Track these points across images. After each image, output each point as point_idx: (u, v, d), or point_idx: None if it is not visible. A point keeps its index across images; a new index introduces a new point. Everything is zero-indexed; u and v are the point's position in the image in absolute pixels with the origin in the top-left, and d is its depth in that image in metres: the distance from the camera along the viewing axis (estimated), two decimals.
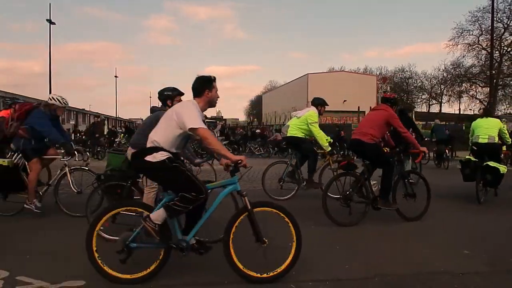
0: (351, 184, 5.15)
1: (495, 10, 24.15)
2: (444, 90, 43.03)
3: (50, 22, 27.18)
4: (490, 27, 23.68)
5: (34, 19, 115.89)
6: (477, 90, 36.93)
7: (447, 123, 33.56)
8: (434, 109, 46.75)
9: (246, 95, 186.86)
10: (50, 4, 31.81)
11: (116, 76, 55.47)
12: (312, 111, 6.60)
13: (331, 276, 3.28)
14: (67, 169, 5.38)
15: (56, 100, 5.37)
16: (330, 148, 6.60)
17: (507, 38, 31.81)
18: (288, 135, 6.66)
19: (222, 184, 3.30)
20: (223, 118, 59.10)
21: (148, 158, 3.10)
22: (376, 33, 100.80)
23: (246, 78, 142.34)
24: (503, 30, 31.23)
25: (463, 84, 37.65)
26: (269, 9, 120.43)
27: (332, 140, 7.06)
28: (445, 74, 40.27)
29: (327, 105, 6.92)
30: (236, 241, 3.13)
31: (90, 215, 4.26)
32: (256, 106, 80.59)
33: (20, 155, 5.35)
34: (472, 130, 6.91)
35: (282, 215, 3.20)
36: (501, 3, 29.65)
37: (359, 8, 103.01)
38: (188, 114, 3.07)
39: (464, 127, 26.55)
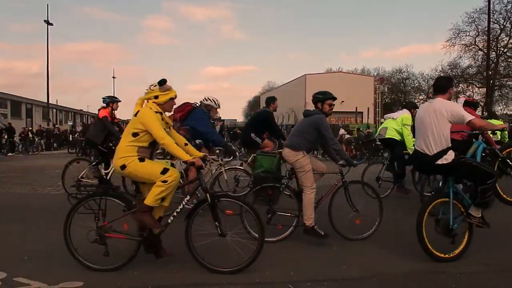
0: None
1: (491, 11, 24.28)
2: None
3: (48, 23, 27.17)
4: (486, 28, 23.80)
5: (33, 19, 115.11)
6: (474, 91, 36.98)
7: None
8: None
9: (244, 96, 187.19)
10: (47, 5, 31.54)
11: (114, 77, 55.48)
12: (407, 114, 6.83)
13: (329, 276, 3.29)
14: (223, 168, 5.51)
15: (212, 101, 5.46)
16: None
17: (503, 39, 31.92)
18: (387, 136, 6.79)
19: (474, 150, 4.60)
20: (221, 118, 59.03)
21: (440, 162, 3.59)
22: (373, 34, 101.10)
23: (244, 78, 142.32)
24: (499, 31, 31.33)
25: (460, 85, 37.65)
26: (267, 10, 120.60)
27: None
28: (442, 75, 40.35)
29: (418, 107, 7.21)
30: None
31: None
32: (254, 106, 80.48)
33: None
34: None
35: None
36: (497, 4, 29.71)
37: (356, 9, 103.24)
38: (461, 109, 3.62)
39: None
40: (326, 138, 4.29)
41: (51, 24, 27.59)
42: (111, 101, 6.58)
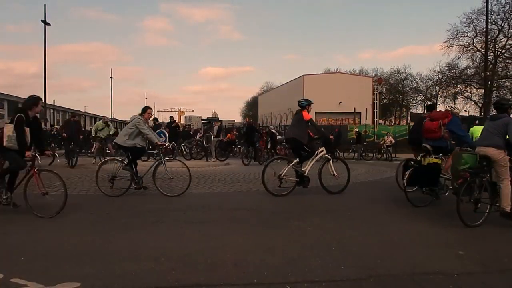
0: None
1: (489, 12, 24.35)
2: (439, 92, 43.16)
3: (45, 23, 27.06)
4: (484, 29, 23.86)
5: (30, 20, 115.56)
6: (472, 92, 37.15)
7: None
8: None
9: (242, 96, 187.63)
10: (45, 5, 31.42)
11: (111, 77, 55.23)
12: None
13: (327, 277, 3.28)
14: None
15: (457, 109, 6.71)
16: None
17: (501, 40, 32.05)
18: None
19: None
20: (219, 119, 58.93)
21: None
22: (372, 35, 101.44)
23: (242, 79, 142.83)
24: (497, 32, 31.44)
25: (458, 86, 37.81)
26: (265, 11, 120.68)
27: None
28: (440, 76, 40.34)
29: None
30: None
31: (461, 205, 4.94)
32: (252, 107, 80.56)
33: None
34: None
35: None
36: (495, 5, 29.88)
37: (355, 9, 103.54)
38: None
39: None
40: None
41: (49, 24, 27.46)
42: (307, 104, 7.68)
